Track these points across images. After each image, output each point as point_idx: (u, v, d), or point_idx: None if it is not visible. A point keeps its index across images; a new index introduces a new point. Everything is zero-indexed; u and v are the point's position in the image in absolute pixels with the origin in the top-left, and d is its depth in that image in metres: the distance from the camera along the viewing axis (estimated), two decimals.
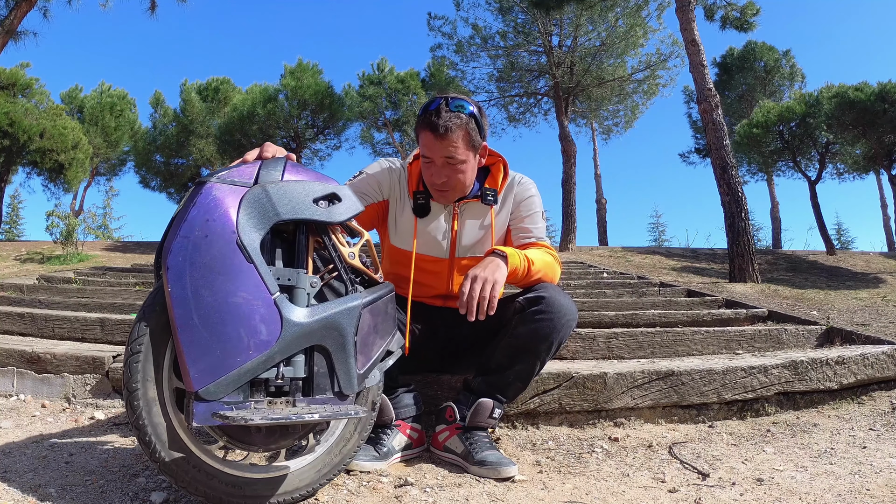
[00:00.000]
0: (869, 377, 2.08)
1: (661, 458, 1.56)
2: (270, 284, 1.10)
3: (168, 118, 17.32)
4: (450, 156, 1.50)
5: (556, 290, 1.56)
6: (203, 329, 1.04)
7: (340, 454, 1.24)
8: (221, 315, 1.05)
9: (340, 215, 1.21)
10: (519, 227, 1.69)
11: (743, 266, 6.47)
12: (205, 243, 1.06)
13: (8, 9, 8.41)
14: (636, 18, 12.89)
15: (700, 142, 18.82)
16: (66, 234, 8.59)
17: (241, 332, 1.05)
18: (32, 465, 1.34)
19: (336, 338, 1.14)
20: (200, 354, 1.03)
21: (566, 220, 12.07)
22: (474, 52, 14.15)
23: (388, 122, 15.89)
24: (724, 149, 6.82)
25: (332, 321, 1.14)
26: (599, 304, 4.10)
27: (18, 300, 4.21)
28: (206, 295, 1.05)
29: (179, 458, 1.08)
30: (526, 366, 1.53)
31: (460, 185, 1.58)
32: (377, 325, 1.22)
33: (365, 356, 1.19)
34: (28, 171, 13.41)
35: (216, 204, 1.09)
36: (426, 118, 1.50)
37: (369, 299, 1.21)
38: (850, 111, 9.78)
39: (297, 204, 1.16)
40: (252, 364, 1.06)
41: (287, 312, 1.09)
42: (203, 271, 1.06)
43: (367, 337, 1.20)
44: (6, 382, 2.04)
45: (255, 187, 1.13)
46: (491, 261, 1.47)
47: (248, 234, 1.09)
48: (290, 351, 1.10)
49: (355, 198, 1.26)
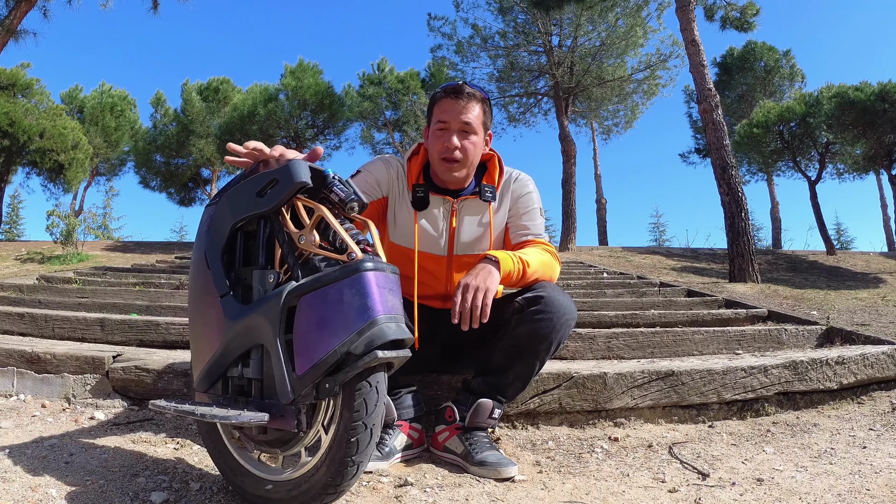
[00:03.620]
0: (869, 377, 2.08)
1: (661, 458, 1.56)
2: (219, 286, 1.13)
3: (168, 118, 17.34)
4: (467, 121, 1.55)
5: (554, 289, 1.55)
6: (191, 333, 1.23)
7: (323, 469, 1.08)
8: (195, 319, 1.21)
9: (272, 200, 1.11)
10: (517, 224, 1.68)
11: (743, 266, 6.47)
12: (193, 263, 1.25)
13: (8, 8, 8.41)
14: (636, 18, 12.89)
15: (700, 142, 18.82)
16: (66, 234, 8.59)
17: (205, 333, 1.17)
18: (32, 465, 1.34)
19: (267, 336, 1.04)
20: (192, 354, 1.21)
21: (566, 220, 12.08)
22: (474, 53, 14.17)
23: (389, 122, 15.89)
24: (724, 149, 6.82)
25: (256, 319, 1.06)
26: (599, 304, 4.10)
27: (18, 300, 4.21)
28: (192, 304, 1.24)
29: (222, 463, 1.22)
30: (525, 366, 1.53)
31: (469, 158, 1.58)
32: (324, 319, 1.00)
33: (305, 357, 1.00)
34: (28, 171, 13.43)
35: (201, 225, 1.26)
36: (446, 89, 1.59)
37: (305, 287, 1.03)
38: (850, 111, 9.78)
39: (244, 202, 1.15)
40: (212, 361, 1.14)
41: (227, 312, 1.11)
42: (191, 285, 1.25)
43: (306, 334, 1.01)
44: (6, 382, 2.04)
45: (221, 199, 1.21)
46: (482, 268, 1.47)
47: (211, 245, 1.17)
48: (235, 350, 1.10)
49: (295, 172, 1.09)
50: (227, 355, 1.11)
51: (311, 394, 1.01)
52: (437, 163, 1.59)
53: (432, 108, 1.62)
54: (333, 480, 1.03)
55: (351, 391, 1.03)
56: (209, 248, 1.17)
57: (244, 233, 1.19)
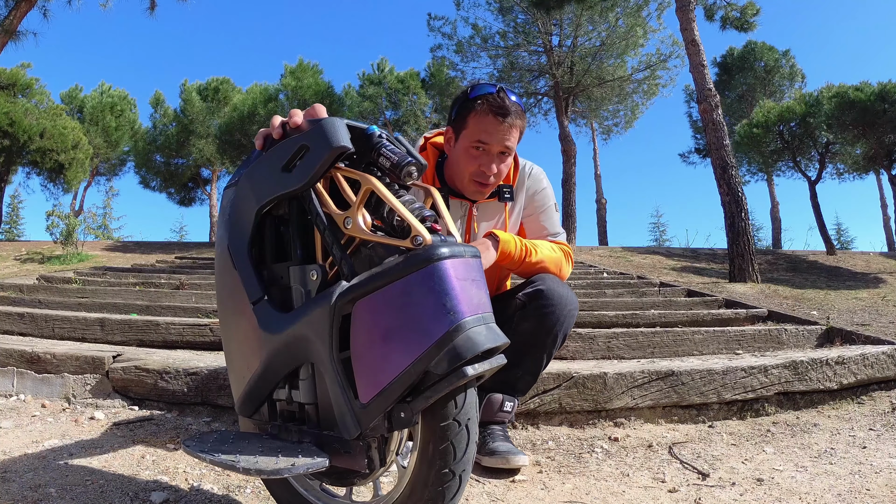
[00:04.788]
0: (869, 377, 2.08)
1: (661, 458, 1.56)
2: (250, 291, 0.90)
3: (168, 118, 17.34)
4: (509, 144, 1.44)
5: (553, 281, 1.52)
6: (225, 347, 1.00)
7: None
8: (228, 332, 0.98)
9: (303, 175, 0.86)
10: (535, 225, 1.65)
11: (743, 266, 6.47)
12: (217, 259, 1.00)
13: (8, 8, 8.41)
14: (636, 18, 12.90)
15: (700, 142, 18.83)
16: (66, 234, 8.59)
17: (240, 350, 0.94)
18: (32, 464, 1.34)
19: (317, 353, 0.83)
20: (229, 371, 0.99)
21: (566, 220, 12.10)
22: (474, 53, 14.17)
23: (388, 122, 15.89)
24: (724, 149, 6.83)
25: (300, 331, 0.84)
26: (599, 304, 4.10)
27: (18, 300, 4.21)
28: (222, 312, 1.00)
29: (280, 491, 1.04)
30: (534, 361, 1.53)
31: (500, 180, 1.53)
32: (391, 329, 0.78)
33: (370, 380, 0.78)
34: (28, 171, 13.43)
35: (221, 213, 1.01)
36: (491, 101, 1.40)
37: (359, 288, 0.80)
38: (850, 111, 9.78)
39: (268, 181, 0.91)
40: (252, 384, 0.92)
41: (262, 324, 0.88)
42: (218, 287, 1.00)
43: (367, 350, 0.79)
44: (6, 382, 2.04)
45: (241, 180, 0.97)
46: (481, 242, 1.46)
47: (235, 238, 0.94)
48: (279, 369, 0.89)
49: (331, 134, 0.85)
50: (270, 375, 0.90)
51: (383, 426, 0.81)
52: (468, 182, 1.49)
53: (468, 116, 1.44)
54: None
55: (435, 419, 0.83)
56: (232, 241, 0.94)
57: (273, 218, 0.95)
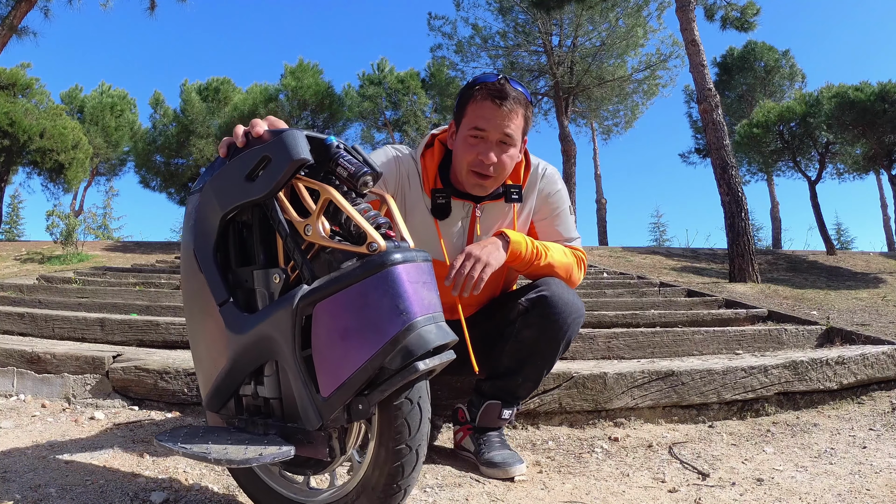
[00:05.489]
0: (869, 377, 2.08)
1: (661, 458, 1.56)
2: (217, 294, 0.96)
3: (168, 118, 17.33)
4: (508, 132, 1.37)
5: (559, 286, 1.46)
6: (192, 347, 1.06)
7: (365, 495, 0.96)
8: (194, 332, 1.05)
9: (265, 185, 0.92)
10: (549, 230, 1.57)
11: (743, 266, 6.47)
12: (182, 262, 1.05)
13: (9, 8, 8.41)
14: (636, 18, 12.91)
15: (700, 142, 18.83)
16: (66, 234, 8.58)
17: (207, 349, 1.01)
18: (32, 465, 1.34)
19: (281, 352, 0.90)
20: (196, 369, 1.06)
21: None
22: (474, 53, 14.19)
23: (388, 122, 15.90)
24: (724, 149, 6.83)
25: (264, 331, 0.91)
26: (599, 304, 4.10)
27: (18, 300, 4.21)
28: (188, 314, 1.06)
29: (245, 478, 1.10)
30: (535, 368, 1.49)
31: (503, 174, 1.43)
32: (349, 329, 0.85)
33: (330, 376, 0.85)
34: (28, 171, 13.42)
35: (187, 218, 1.06)
36: (488, 88, 1.37)
37: (318, 291, 0.87)
38: (850, 111, 9.78)
39: (231, 189, 0.96)
40: (219, 381, 0.99)
41: (229, 324, 0.94)
42: (183, 290, 1.07)
43: (328, 349, 0.86)
44: (6, 382, 2.04)
45: (204, 187, 1.01)
46: (491, 241, 1.41)
47: (200, 242, 0.99)
48: (245, 367, 0.96)
49: (291, 146, 0.90)
50: (237, 372, 0.97)
51: (343, 417, 0.88)
52: (466, 173, 1.42)
53: (466, 104, 1.41)
54: None
55: (389, 409, 0.90)
56: (198, 246, 1.00)
57: (237, 223, 1.01)
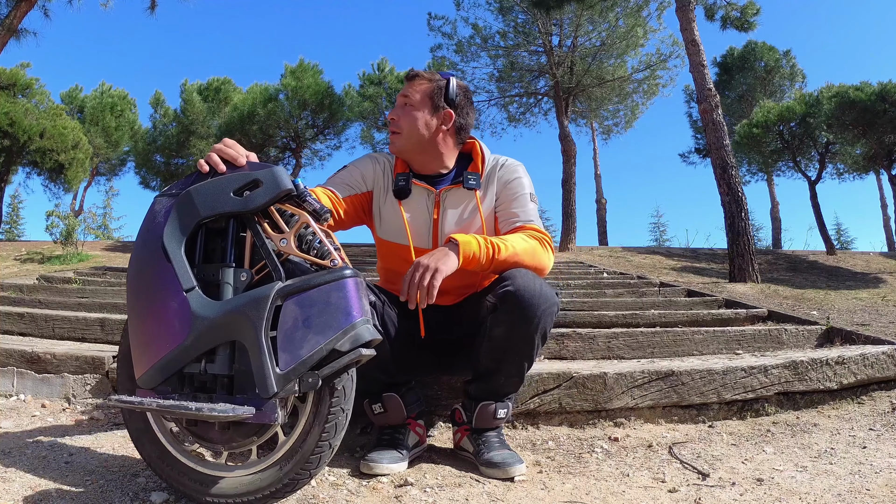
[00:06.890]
0: (869, 377, 2.08)
1: (661, 458, 1.56)
2: (184, 281, 1.13)
3: (168, 118, 17.31)
4: (406, 95, 1.61)
5: (524, 278, 1.41)
6: (139, 327, 1.18)
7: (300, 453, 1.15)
8: (148, 312, 1.17)
9: (256, 201, 1.15)
10: (506, 212, 1.59)
11: (743, 266, 6.47)
12: (142, 252, 1.20)
13: (8, 8, 8.41)
14: (636, 18, 12.89)
15: (700, 142, 18.81)
16: (66, 234, 8.59)
17: (161, 328, 1.14)
18: (32, 465, 1.34)
19: (248, 333, 1.08)
20: (137, 349, 1.17)
21: (566, 220, 12.06)
22: (474, 52, 14.16)
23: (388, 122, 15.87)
24: (724, 149, 6.82)
25: (238, 314, 1.10)
26: (599, 304, 4.10)
27: (18, 300, 4.21)
28: (141, 296, 1.19)
29: (155, 455, 1.21)
30: (514, 364, 1.47)
31: (406, 131, 1.59)
32: (309, 319, 1.09)
33: (290, 354, 1.08)
34: (28, 171, 13.40)
35: (154, 215, 1.21)
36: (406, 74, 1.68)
37: (292, 288, 1.11)
38: (850, 111, 9.78)
39: (216, 199, 1.17)
40: (170, 356, 1.12)
41: (196, 307, 1.11)
42: (139, 276, 1.20)
43: (291, 332, 1.09)
44: (6, 382, 2.04)
45: (184, 193, 1.19)
46: (440, 249, 1.41)
47: (171, 238, 1.17)
48: (203, 345, 1.11)
49: (281, 178, 1.16)
50: (191, 351, 1.12)
51: (294, 388, 1.07)
52: None
53: None
54: (308, 464, 1.14)
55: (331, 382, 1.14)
56: (169, 240, 1.17)
57: (206, 229, 1.21)
